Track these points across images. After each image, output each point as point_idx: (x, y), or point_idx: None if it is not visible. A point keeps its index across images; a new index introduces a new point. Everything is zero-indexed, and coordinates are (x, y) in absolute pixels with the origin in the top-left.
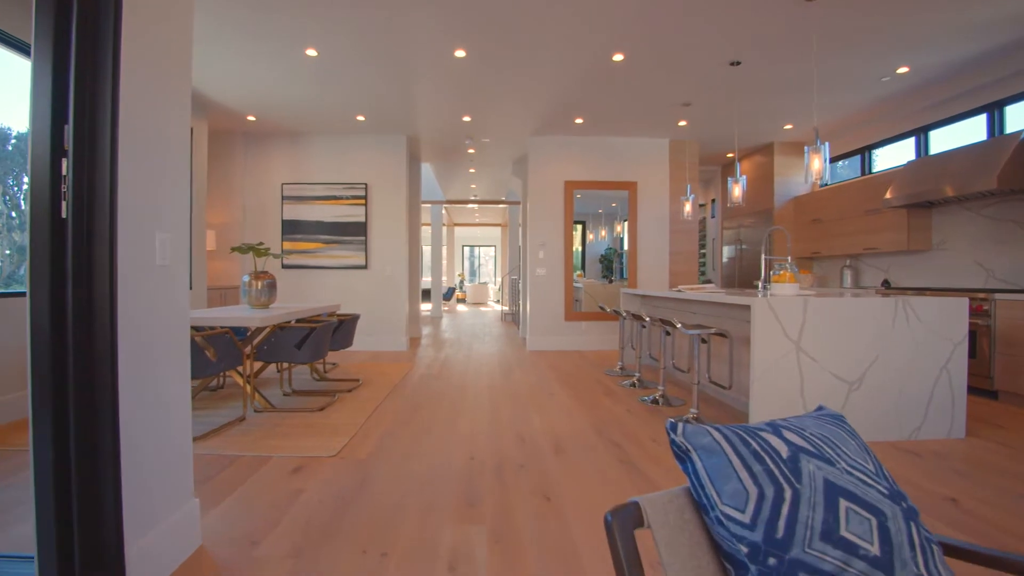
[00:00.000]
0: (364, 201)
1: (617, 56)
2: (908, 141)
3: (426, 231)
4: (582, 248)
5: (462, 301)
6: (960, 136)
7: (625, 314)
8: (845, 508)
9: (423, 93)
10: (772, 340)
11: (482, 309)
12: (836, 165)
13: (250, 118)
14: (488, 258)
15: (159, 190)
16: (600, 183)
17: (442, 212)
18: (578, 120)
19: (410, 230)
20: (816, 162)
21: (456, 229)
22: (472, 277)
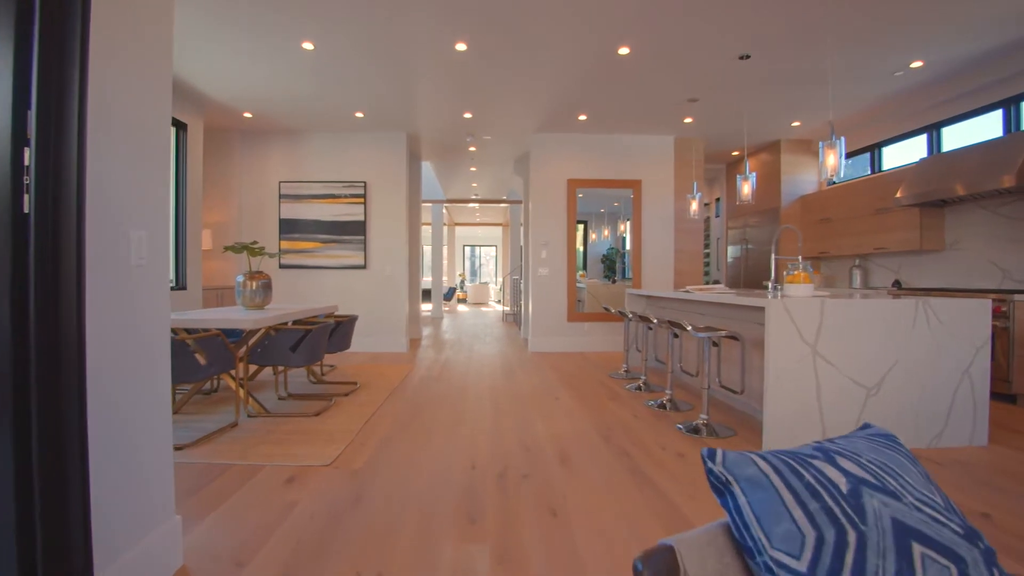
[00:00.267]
0: (363, 200)
1: (623, 49)
2: (919, 138)
3: (426, 231)
4: (584, 248)
5: (463, 301)
6: (974, 133)
7: (631, 315)
8: (920, 554)
9: (423, 88)
10: (787, 343)
11: (483, 309)
12: (844, 163)
13: (247, 115)
14: (489, 258)
15: (135, 184)
16: (604, 181)
17: (443, 211)
18: (581, 117)
19: (410, 229)
20: (831, 158)
21: (457, 229)
22: (473, 277)
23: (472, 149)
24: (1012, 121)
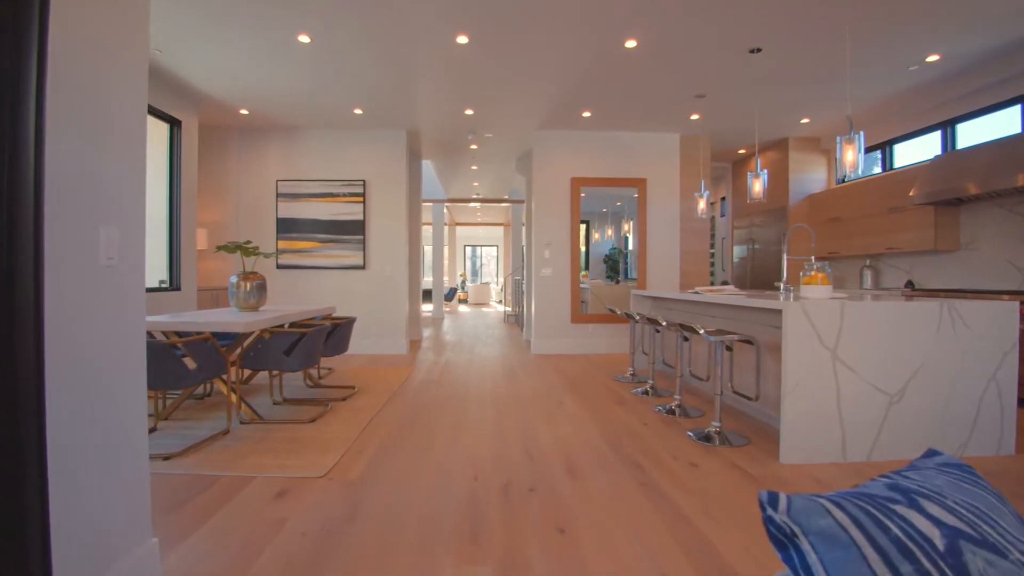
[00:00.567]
0: (362, 199)
1: (630, 43)
2: (932, 135)
3: (427, 230)
4: (586, 248)
5: (464, 302)
6: (991, 129)
7: (637, 317)
8: None
9: (423, 84)
10: (806, 348)
11: (484, 310)
12: (863, 158)
13: (243, 112)
14: (490, 258)
15: (106, 176)
16: (608, 180)
17: (443, 211)
18: (586, 114)
19: (410, 229)
20: (850, 153)
21: (458, 228)
22: (474, 277)
23: (473, 147)
24: None
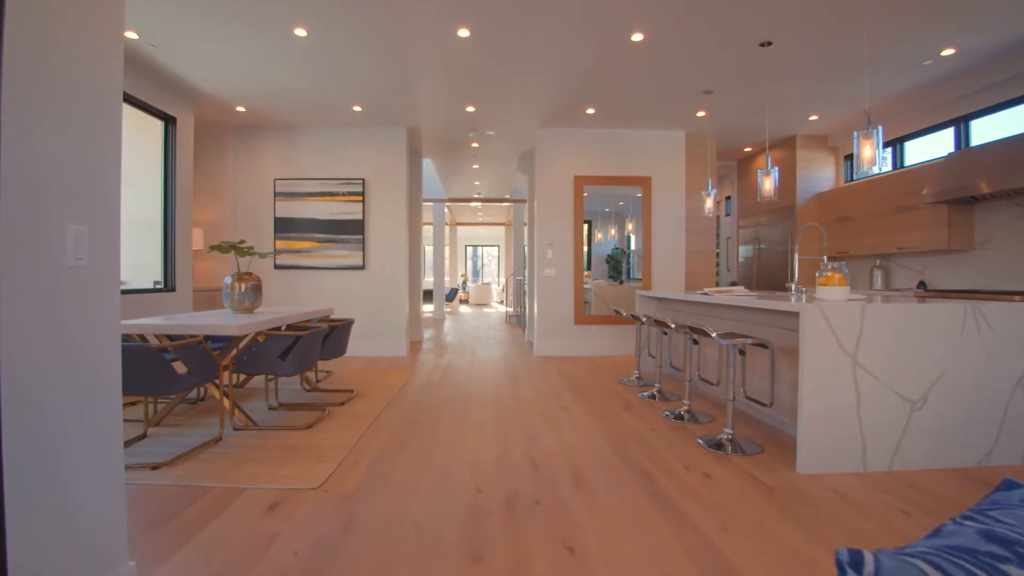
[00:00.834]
0: (361, 198)
1: (636, 36)
2: (944, 133)
3: (428, 230)
4: (587, 248)
5: (465, 302)
6: (1007, 126)
7: (644, 319)
8: None
9: (423, 80)
10: (824, 352)
11: (485, 310)
12: (882, 154)
13: (239, 109)
14: (491, 258)
15: (74, 170)
16: (612, 178)
17: (444, 211)
18: (589, 111)
19: (410, 228)
20: (868, 148)
21: (459, 228)
22: (475, 277)
23: (475, 145)
24: None
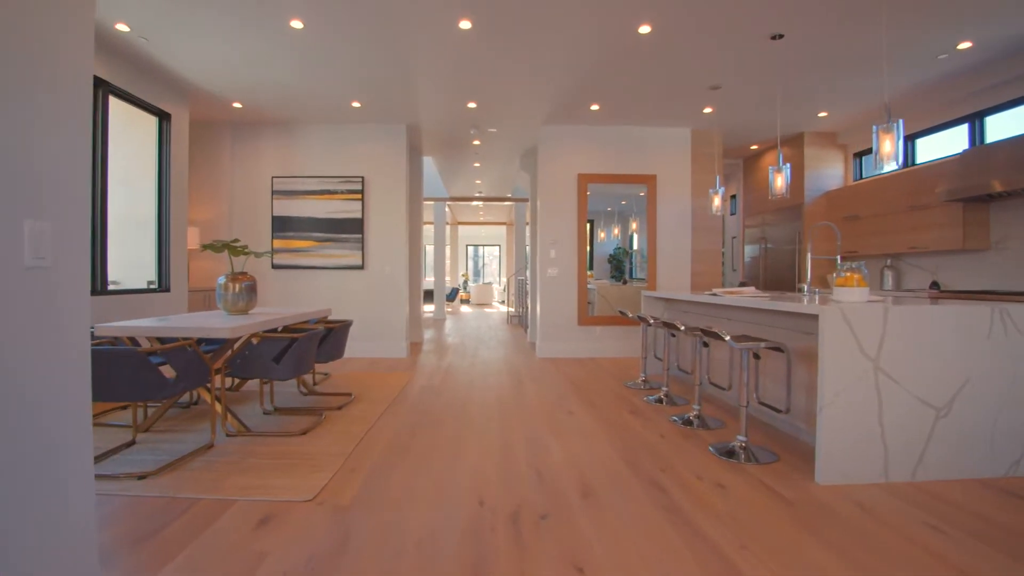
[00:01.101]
0: (361, 196)
1: (644, 27)
2: (957, 129)
3: (428, 230)
4: (590, 247)
5: (466, 302)
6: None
7: (651, 321)
8: None
9: (424, 74)
10: (845, 357)
11: (486, 311)
12: (902, 148)
13: (236, 105)
14: (492, 258)
15: (31, 158)
16: (617, 176)
17: (445, 210)
18: (594, 107)
19: (411, 227)
20: (888, 143)
21: (460, 228)
22: (476, 277)
23: (476, 143)
24: None
